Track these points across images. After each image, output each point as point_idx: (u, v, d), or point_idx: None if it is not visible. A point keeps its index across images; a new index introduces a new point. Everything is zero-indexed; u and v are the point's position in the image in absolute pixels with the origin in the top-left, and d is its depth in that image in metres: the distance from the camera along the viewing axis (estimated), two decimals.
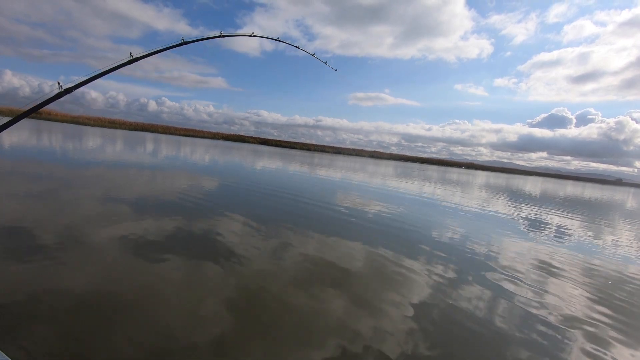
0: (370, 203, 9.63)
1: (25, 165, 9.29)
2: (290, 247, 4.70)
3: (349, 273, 3.97)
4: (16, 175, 7.74)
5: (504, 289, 4.02)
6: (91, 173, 9.19)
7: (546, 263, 5.39)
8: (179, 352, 2.21)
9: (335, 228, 6.10)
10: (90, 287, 2.93)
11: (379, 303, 3.27)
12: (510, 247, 6.27)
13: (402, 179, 22.35)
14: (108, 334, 2.32)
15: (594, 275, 5.07)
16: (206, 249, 4.22)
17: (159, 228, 4.80)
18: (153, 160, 15.82)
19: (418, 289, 3.74)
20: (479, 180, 35.37)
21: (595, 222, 11.70)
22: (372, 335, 2.67)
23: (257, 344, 2.40)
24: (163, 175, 10.62)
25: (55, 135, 26.17)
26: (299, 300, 3.16)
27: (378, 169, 33.76)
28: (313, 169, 22.63)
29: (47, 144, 17.54)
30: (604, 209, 18.32)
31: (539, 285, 4.33)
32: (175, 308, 2.76)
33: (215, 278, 3.41)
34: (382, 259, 4.61)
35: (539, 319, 3.33)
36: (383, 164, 54.69)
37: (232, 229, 5.26)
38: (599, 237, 8.59)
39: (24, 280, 2.90)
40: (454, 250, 5.54)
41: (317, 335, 2.61)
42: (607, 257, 6.27)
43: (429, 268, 4.46)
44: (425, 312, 3.19)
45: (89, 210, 5.31)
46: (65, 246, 3.75)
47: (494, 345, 2.77)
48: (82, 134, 32.26)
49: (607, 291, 4.39)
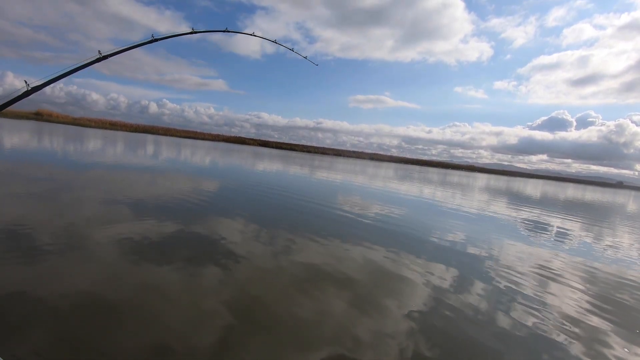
0: (370, 205, 9.62)
1: (25, 167, 9.31)
2: (290, 249, 4.70)
3: (349, 275, 3.96)
4: (16, 177, 7.75)
5: (504, 292, 4.00)
6: (92, 175, 9.20)
7: (547, 266, 5.37)
8: (179, 354, 2.21)
9: (336, 230, 6.09)
10: (90, 288, 2.92)
11: (379, 306, 3.27)
12: (510, 249, 6.25)
13: (403, 182, 22.34)
14: (108, 335, 2.31)
15: (594, 278, 5.06)
16: (206, 251, 4.22)
17: (160, 230, 4.80)
18: (154, 162, 15.84)
19: (418, 291, 3.73)
20: (480, 183, 35.36)
21: (596, 224, 11.67)
22: (372, 338, 2.66)
23: (257, 346, 2.40)
24: (164, 177, 10.63)
25: (57, 137, 26.24)
26: (299, 302, 3.15)
27: (378, 172, 33.77)
28: (314, 171, 22.64)
29: (48, 145, 17.58)
30: (605, 211, 18.28)
31: (539, 288, 4.32)
32: (176, 310, 2.75)
33: (216, 280, 3.41)
34: (382, 261, 4.61)
35: (539, 322, 3.32)
36: (383, 167, 54.71)
37: (233, 230, 5.26)
38: (600, 240, 8.57)
39: (24, 282, 2.90)
40: (454, 252, 5.53)
41: (317, 337, 2.60)
42: (608, 260, 6.25)
43: (430, 271, 4.45)
44: (425, 315, 3.18)
45: (90, 212, 5.31)
46: (65, 248, 3.75)
47: (494, 348, 2.76)
48: (83, 136, 32.34)
49: (607, 294, 4.38)
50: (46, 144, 18.13)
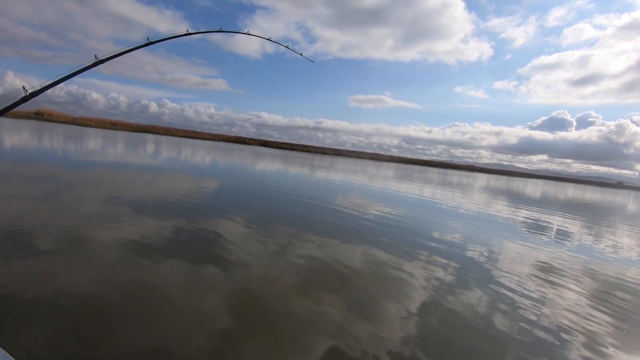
0: (370, 205, 9.63)
1: (26, 166, 9.32)
2: (290, 249, 4.71)
3: (348, 275, 3.97)
4: (18, 176, 7.76)
5: (503, 293, 4.01)
6: (92, 174, 9.22)
7: (546, 266, 5.38)
8: (178, 352, 2.22)
9: (336, 230, 6.10)
10: (92, 286, 2.93)
11: (378, 306, 3.28)
12: (510, 249, 6.26)
13: (403, 181, 22.34)
14: (109, 333, 2.33)
15: (594, 278, 5.06)
16: (207, 250, 4.23)
17: (161, 229, 4.81)
18: (155, 162, 15.85)
19: (417, 292, 3.74)
20: (480, 183, 35.35)
21: (596, 224, 11.68)
22: (370, 339, 2.67)
23: (256, 346, 2.41)
24: (165, 177, 10.65)
25: (57, 136, 26.26)
26: (298, 302, 3.16)
27: (378, 172, 33.77)
28: (314, 170, 22.64)
29: (48, 145, 17.59)
30: (605, 211, 18.28)
31: (539, 288, 4.33)
32: (176, 308, 2.76)
33: (216, 279, 3.42)
34: (381, 262, 4.61)
35: (538, 322, 3.32)
36: (384, 166, 54.71)
37: (232, 230, 5.27)
38: (600, 240, 8.57)
39: (27, 280, 2.91)
40: (454, 253, 5.54)
41: (316, 337, 2.61)
42: (607, 260, 6.26)
43: (429, 271, 4.45)
44: (424, 316, 3.19)
45: (91, 212, 5.32)
46: (66, 247, 3.76)
47: (493, 349, 2.77)
48: (84, 136, 32.36)
49: (607, 294, 4.38)
50: (47, 144, 18.15)
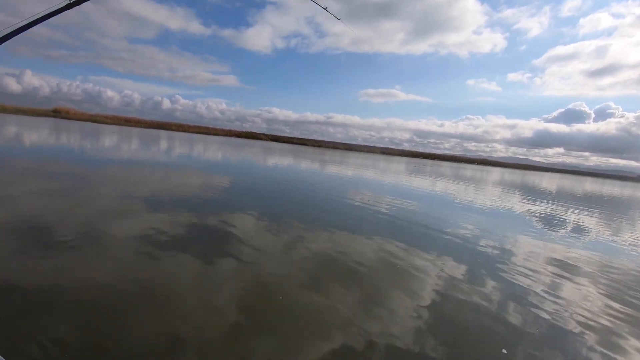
0: (381, 199, 9.55)
1: (47, 163, 9.60)
2: (301, 243, 4.71)
3: (359, 269, 3.95)
4: (38, 173, 8.00)
5: (517, 288, 3.92)
6: (111, 171, 9.43)
7: (561, 261, 5.24)
8: (192, 344, 2.25)
9: (348, 223, 6.07)
10: (108, 280, 3.01)
11: (389, 300, 3.25)
12: (525, 245, 6.12)
13: (415, 176, 22.09)
14: (125, 325, 2.38)
15: (611, 274, 4.90)
16: (219, 245, 4.28)
17: (174, 225, 4.88)
18: (169, 158, 16.11)
19: (429, 286, 3.69)
20: (494, 177, 34.64)
21: (614, 219, 11.30)
22: (381, 332, 2.65)
23: (268, 338, 2.43)
24: (178, 173, 10.81)
25: (75, 134, 26.96)
26: (310, 295, 3.17)
27: (390, 166, 33.48)
28: (325, 165, 22.61)
29: (65, 142, 18.09)
30: (626, 205, 17.66)
31: (554, 284, 4.22)
32: (189, 302, 2.80)
33: (229, 273, 3.46)
34: (392, 256, 4.57)
35: (552, 318, 3.24)
36: (395, 161, 54.19)
37: (245, 224, 5.31)
38: (619, 235, 8.29)
39: (44, 274, 3.00)
40: (466, 247, 5.44)
41: (327, 330, 2.61)
42: (627, 256, 6.05)
43: (441, 264, 4.39)
44: (436, 310, 3.15)
45: (107, 207, 5.45)
46: (84, 241, 3.86)
47: (505, 346, 2.71)
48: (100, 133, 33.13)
49: (624, 290, 4.24)
50: (64, 141, 18.66)
